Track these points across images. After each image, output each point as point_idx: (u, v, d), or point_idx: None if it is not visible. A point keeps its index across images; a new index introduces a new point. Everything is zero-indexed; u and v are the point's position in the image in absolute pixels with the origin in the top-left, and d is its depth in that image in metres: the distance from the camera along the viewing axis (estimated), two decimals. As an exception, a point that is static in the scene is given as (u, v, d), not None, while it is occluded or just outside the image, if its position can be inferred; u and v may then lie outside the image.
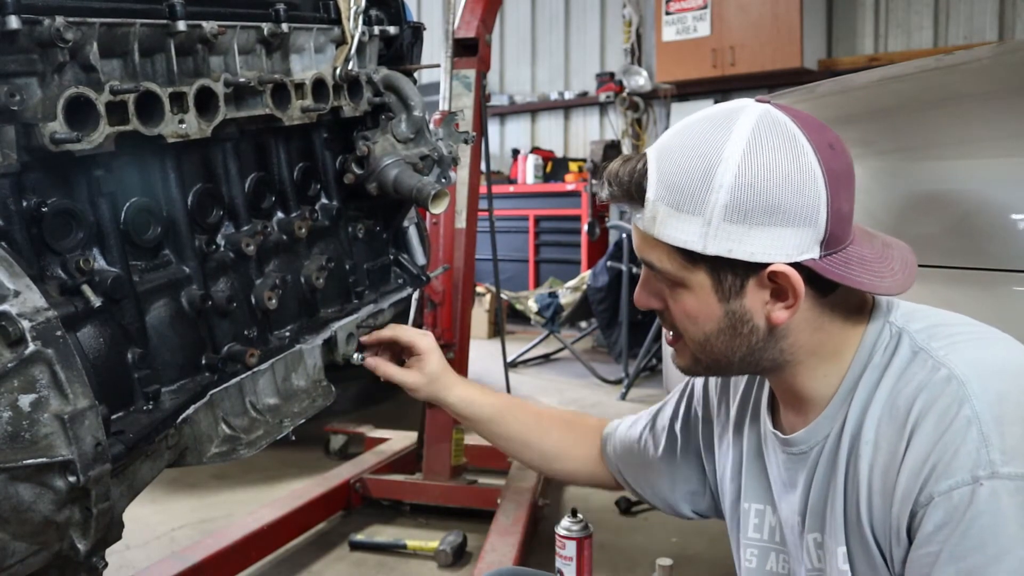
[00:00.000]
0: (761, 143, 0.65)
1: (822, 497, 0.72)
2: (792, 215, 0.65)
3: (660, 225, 0.68)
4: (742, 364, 0.73)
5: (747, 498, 0.83)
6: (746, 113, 0.67)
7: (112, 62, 0.84)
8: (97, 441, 0.70)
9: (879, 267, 0.68)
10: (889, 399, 0.67)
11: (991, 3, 4.73)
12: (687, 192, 0.66)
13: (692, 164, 0.66)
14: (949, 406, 0.62)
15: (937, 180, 1.15)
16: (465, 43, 2.28)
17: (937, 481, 0.61)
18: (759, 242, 0.65)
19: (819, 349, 0.71)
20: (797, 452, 0.75)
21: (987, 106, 1.20)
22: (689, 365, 0.76)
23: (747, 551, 0.83)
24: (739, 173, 0.64)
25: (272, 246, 1.04)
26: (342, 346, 1.10)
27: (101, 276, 0.81)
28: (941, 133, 1.20)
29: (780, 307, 0.68)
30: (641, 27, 5.92)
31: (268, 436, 0.97)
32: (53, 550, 0.74)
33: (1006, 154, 1.10)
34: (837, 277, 0.66)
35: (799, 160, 0.65)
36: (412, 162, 1.15)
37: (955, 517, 0.60)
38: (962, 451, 0.60)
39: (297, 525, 2.13)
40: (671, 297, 0.72)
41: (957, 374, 0.64)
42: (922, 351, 0.67)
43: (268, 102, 0.99)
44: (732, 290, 0.68)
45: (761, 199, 0.64)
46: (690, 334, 0.73)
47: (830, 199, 0.65)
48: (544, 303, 4.20)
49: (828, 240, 0.66)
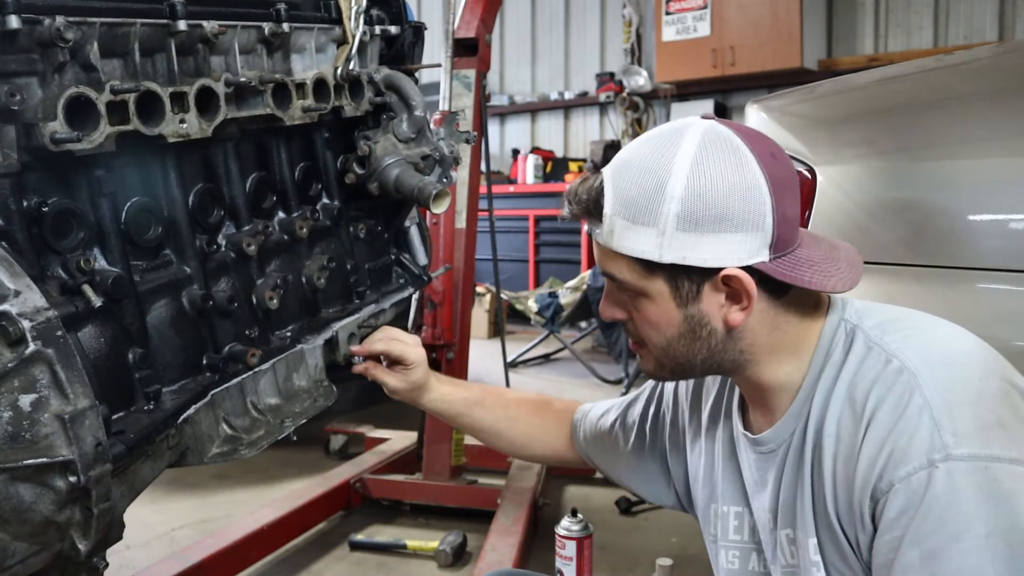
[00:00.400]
0: (707, 156, 0.69)
1: (791, 493, 0.75)
2: (740, 221, 0.69)
3: (618, 238, 0.72)
4: (704, 366, 0.76)
5: (725, 501, 0.86)
6: (691, 130, 0.72)
7: (113, 62, 0.84)
8: (98, 441, 0.70)
9: (827, 267, 0.72)
10: (848, 393, 0.70)
11: (991, 3, 4.73)
12: (641, 205, 0.70)
13: (644, 179, 0.71)
14: (901, 395, 0.66)
15: (937, 180, 1.15)
16: (465, 43, 2.28)
17: (895, 468, 0.64)
18: (711, 248, 0.69)
19: (777, 348, 0.75)
20: (766, 451, 0.78)
21: (987, 106, 1.20)
22: (654, 370, 0.80)
23: (729, 553, 0.86)
24: (688, 185, 0.69)
25: (273, 246, 1.04)
26: (343, 346, 1.10)
27: (102, 276, 0.81)
28: (941, 133, 1.20)
29: (735, 309, 0.72)
30: (641, 27, 5.92)
31: (269, 436, 0.97)
32: (54, 550, 0.74)
33: (1006, 154, 1.10)
34: (787, 278, 0.70)
35: (743, 170, 0.69)
36: (413, 162, 1.15)
37: (915, 501, 0.62)
38: (916, 437, 0.64)
39: (297, 525, 2.13)
40: (633, 307, 0.76)
41: (908, 365, 0.67)
42: (876, 346, 0.71)
43: (269, 102, 0.99)
44: (689, 296, 0.72)
45: (710, 208, 0.69)
46: (653, 340, 0.77)
47: (775, 205, 0.69)
48: (544, 303, 4.20)
49: (776, 243, 0.70)
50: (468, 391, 1.08)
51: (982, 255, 1.07)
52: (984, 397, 0.65)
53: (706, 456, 0.88)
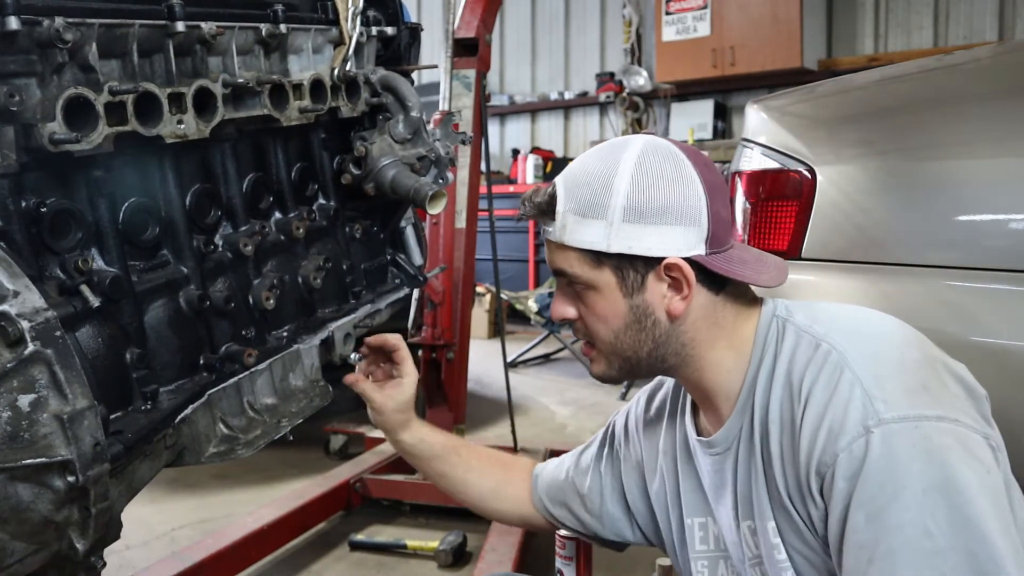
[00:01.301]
0: (648, 158, 0.77)
1: (747, 484, 0.79)
2: (679, 215, 0.76)
3: (569, 232, 0.78)
4: (650, 359, 0.81)
5: (689, 514, 0.88)
6: (635, 140, 0.80)
7: (111, 63, 0.84)
8: (96, 441, 0.70)
9: (757, 266, 0.80)
10: (786, 380, 0.75)
11: (991, 3, 4.72)
12: (590, 201, 0.77)
13: (593, 179, 0.78)
14: (832, 373, 0.71)
15: (937, 180, 1.15)
16: (465, 43, 2.28)
17: (835, 440, 0.68)
18: (654, 239, 0.76)
19: (717, 343, 0.80)
20: (720, 451, 0.82)
21: (987, 106, 1.20)
22: (604, 370, 0.84)
23: (697, 563, 0.88)
24: (633, 181, 0.76)
25: (270, 246, 1.04)
26: (339, 346, 1.10)
27: (100, 276, 0.81)
28: (941, 133, 1.20)
29: (677, 299, 0.78)
30: (641, 27, 5.92)
31: (266, 436, 0.97)
32: (52, 549, 0.74)
33: (1006, 154, 1.10)
34: (721, 270, 0.77)
35: (681, 170, 0.77)
36: (409, 163, 1.15)
37: (857, 468, 0.67)
38: (850, 408, 0.68)
39: (297, 525, 2.12)
40: (583, 303, 0.81)
41: (836, 346, 0.73)
42: (805, 334, 0.76)
43: (266, 103, 0.99)
44: (635, 286, 0.78)
45: (652, 201, 0.76)
46: (601, 336, 0.81)
47: (709, 203, 0.77)
48: (544, 303, 4.20)
49: (711, 239, 0.77)
50: (444, 437, 1.08)
51: (982, 255, 1.07)
52: (906, 366, 0.71)
53: (668, 477, 0.91)
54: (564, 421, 3.25)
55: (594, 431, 3.23)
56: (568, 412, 3.41)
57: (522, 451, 2.50)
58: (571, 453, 1.06)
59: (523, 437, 2.56)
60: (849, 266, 1.19)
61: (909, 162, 1.20)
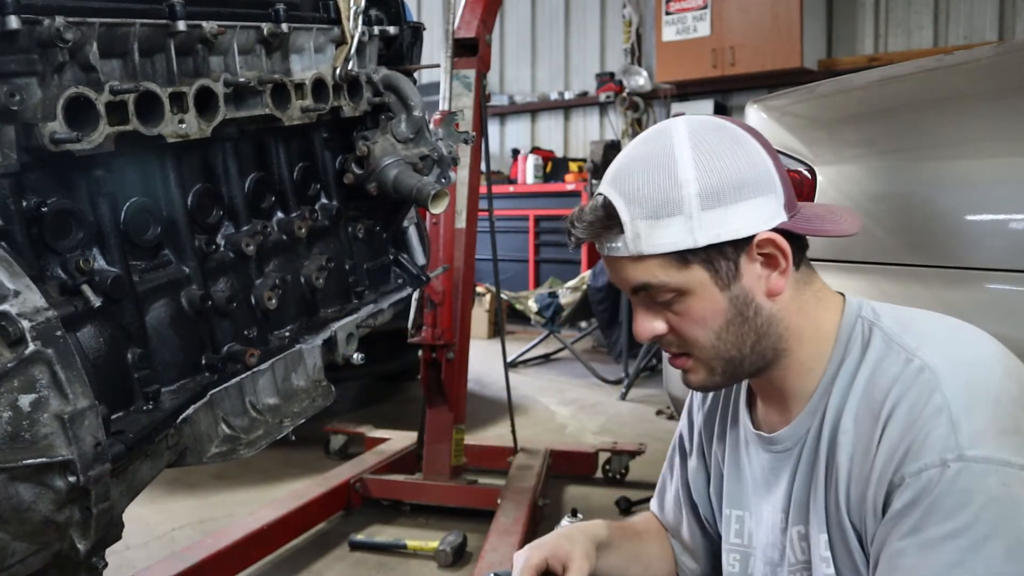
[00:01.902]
0: (701, 136, 0.71)
1: (805, 490, 0.75)
2: (755, 185, 0.70)
3: (646, 239, 0.71)
4: (753, 355, 0.75)
5: (728, 504, 0.86)
6: (673, 124, 0.74)
7: (112, 62, 0.84)
8: (97, 441, 0.70)
9: (833, 218, 0.75)
10: (866, 391, 0.70)
11: (991, 3, 4.72)
12: (659, 199, 0.70)
13: (653, 176, 0.71)
14: (920, 394, 0.66)
15: (937, 180, 1.15)
16: (465, 43, 2.27)
17: (909, 463, 0.64)
18: (738, 218, 0.70)
19: (803, 334, 0.75)
20: (781, 450, 0.78)
21: (987, 106, 1.20)
22: (705, 378, 0.77)
23: (730, 556, 0.85)
24: (696, 165, 0.70)
25: (272, 246, 1.04)
26: (342, 346, 1.10)
27: (101, 276, 0.81)
28: (941, 133, 1.20)
29: (775, 275, 0.72)
30: (641, 27, 5.91)
31: (268, 436, 0.97)
32: (53, 550, 0.74)
33: (1006, 154, 1.10)
34: (811, 231, 0.72)
35: (737, 139, 0.72)
36: (412, 162, 1.15)
37: (922, 496, 0.63)
38: (932, 436, 0.64)
39: (297, 525, 2.12)
40: (674, 312, 0.74)
41: (929, 364, 0.67)
42: (895, 344, 0.71)
43: (268, 102, 0.99)
44: (729, 275, 0.72)
45: (726, 178, 0.70)
46: (700, 342, 0.74)
47: (775, 164, 0.72)
48: (544, 303, 4.20)
49: (787, 203, 0.72)
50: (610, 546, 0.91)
51: (982, 255, 1.07)
52: (1002, 402, 0.65)
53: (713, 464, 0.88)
54: (564, 421, 3.25)
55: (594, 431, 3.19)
56: (568, 412, 3.41)
57: (522, 451, 2.50)
58: (662, 502, 0.96)
59: (523, 437, 2.56)
60: (849, 266, 1.19)
61: (909, 162, 1.20)
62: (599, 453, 2.57)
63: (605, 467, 2.56)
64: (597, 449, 2.57)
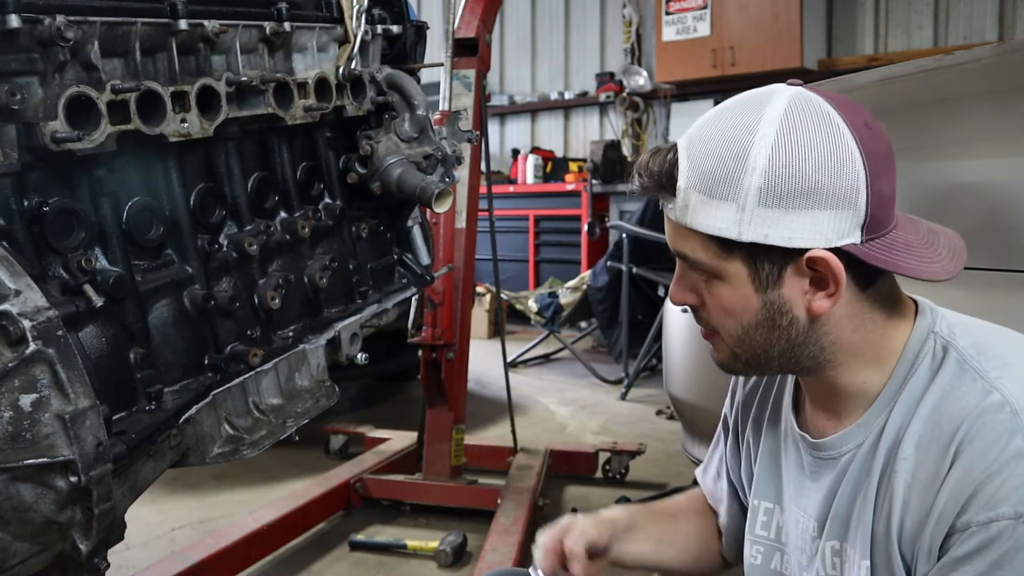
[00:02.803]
0: (794, 124, 0.63)
1: (848, 506, 0.70)
2: (830, 197, 0.62)
3: (692, 213, 0.66)
4: (781, 359, 0.70)
5: (757, 495, 0.81)
6: (777, 95, 0.65)
7: (113, 61, 0.84)
8: (98, 441, 0.70)
9: (925, 252, 0.66)
10: (932, 416, 0.64)
11: (991, 3, 4.73)
12: (719, 178, 0.64)
13: (723, 149, 0.64)
14: (1000, 435, 0.60)
15: (937, 180, 1.15)
16: (465, 43, 2.27)
17: (978, 511, 0.59)
18: (796, 226, 0.62)
19: (860, 350, 0.68)
20: (826, 457, 0.72)
21: (987, 106, 1.20)
22: (727, 360, 0.73)
23: (754, 547, 0.82)
24: (772, 155, 0.62)
25: (275, 246, 1.04)
26: (346, 346, 1.10)
27: (103, 276, 0.81)
28: (941, 133, 1.20)
29: (821, 296, 0.65)
30: (641, 27, 5.91)
31: (271, 436, 0.97)
32: (55, 550, 0.74)
33: (1006, 154, 1.10)
34: (880, 262, 0.63)
35: (835, 139, 0.62)
36: (416, 161, 1.14)
37: (991, 548, 0.58)
38: (1009, 484, 0.58)
39: (297, 525, 2.12)
40: (707, 291, 0.69)
41: (1011, 401, 0.61)
42: (971, 370, 0.64)
43: (270, 101, 0.99)
44: (769, 279, 0.66)
45: (797, 181, 0.62)
46: (727, 329, 0.70)
47: (869, 180, 0.63)
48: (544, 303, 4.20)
49: (869, 224, 0.63)
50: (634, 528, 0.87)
51: (982, 255, 1.07)
52: None
53: (745, 449, 0.84)
54: (564, 421, 3.25)
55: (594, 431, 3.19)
56: (568, 412, 3.41)
57: (522, 451, 2.50)
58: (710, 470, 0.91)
59: (523, 437, 2.56)
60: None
61: (909, 162, 1.20)
62: (599, 453, 2.57)
63: (605, 467, 2.56)
64: (597, 449, 2.57)
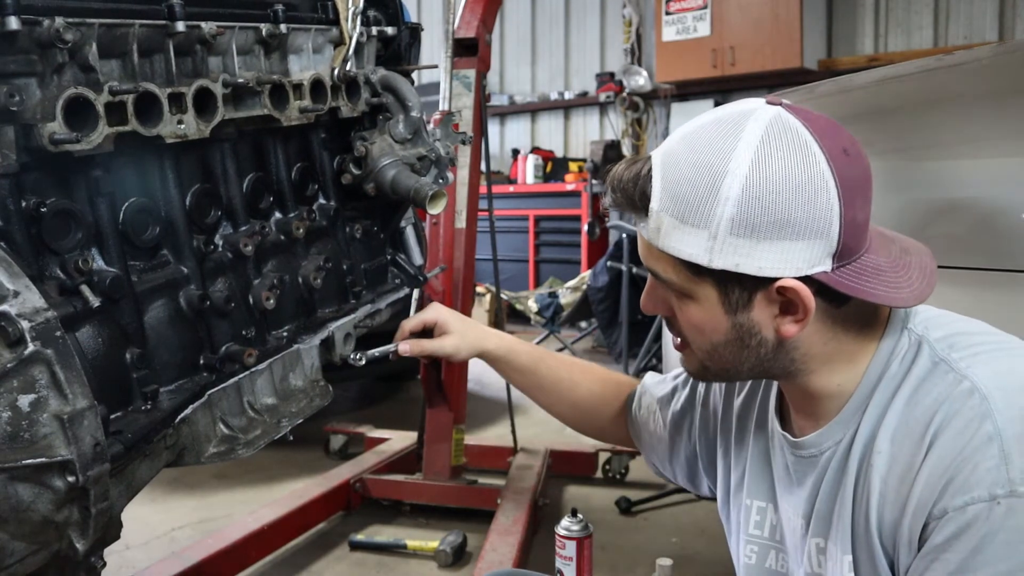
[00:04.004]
0: (769, 153, 0.63)
1: (829, 503, 0.71)
2: (802, 228, 0.63)
3: (664, 237, 0.66)
4: (752, 373, 0.72)
5: (749, 494, 0.83)
6: (755, 119, 0.64)
7: (111, 63, 0.84)
8: (96, 441, 0.70)
9: (895, 277, 0.66)
10: (906, 410, 0.66)
11: (991, 3, 4.72)
12: (692, 204, 0.64)
13: (698, 175, 0.64)
14: (970, 420, 0.61)
15: (937, 180, 1.15)
16: (465, 43, 2.28)
17: (953, 496, 0.60)
18: (767, 256, 0.63)
19: (832, 358, 0.70)
20: (807, 455, 0.74)
21: (987, 106, 1.20)
22: (697, 371, 0.76)
23: (747, 547, 0.83)
24: (747, 186, 0.62)
25: (270, 246, 1.04)
26: (340, 346, 1.10)
27: (100, 276, 0.81)
28: (941, 133, 1.20)
29: (789, 321, 0.67)
30: (641, 27, 5.92)
31: (266, 436, 0.97)
32: (52, 550, 0.74)
33: (1006, 154, 1.10)
34: (850, 291, 0.64)
35: (810, 170, 0.62)
36: (410, 162, 1.15)
37: (966, 532, 0.59)
38: (981, 467, 0.59)
39: (297, 525, 2.13)
40: (677, 307, 0.71)
41: (980, 387, 0.62)
42: (943, 362, 0.65)
43: (266, 102, 0.99)
44: (739, 303, 0.67)
45: (769, 212, 0.62)
46: (697, 343, 0.72)
47: (843, 209, 0.63)
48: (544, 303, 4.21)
49: (841, 252, 0.64)
50: (532, 348, 1.01)
51: (982, 255, 1.07)
52: None
53: (736, 446, 0.85)
54: (564, 421, 3.25)
55: (594, 431, 3.12)
56: (568, 412, 3.41)
57: (522, 451, 2.50)
58: (668, 384, 0.97)
59: (523, 437, 2.56)
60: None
61: (909, 162, 1.20)
62: (599, 453, 2.57)
63: (605, 467, 2.56)
64: (597, 449, 2.58)
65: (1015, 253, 1.05)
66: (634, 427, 1.01)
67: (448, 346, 0.99)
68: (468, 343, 1.00)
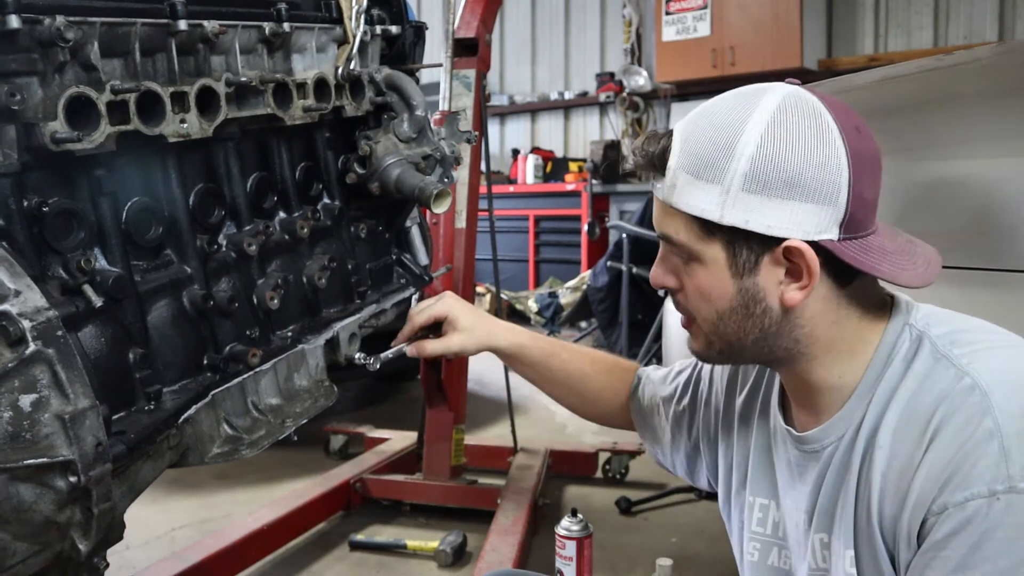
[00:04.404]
0: (785, 117, 0.66)
1: (832, 498, 0.72)
2: (812, 190, 0.64)
3: (679, 193, 0.68)
4: (755, 349, 0.72)
5: (752, 491, 0.83)
6: (773, 91, 0.68)
7: (113, 61, 0.84)
8: (98, 441, 0.70)
9: (900, 260, 0.68)
10: (908, 405, 0.66)
11: (991, 3, 4.73)
12: (708, 160, 0.67)
13: (715, 134, 0.67)
14: (971, 416, 0.62)
15: (937, 180, 1.15)
16: (465, 43, 2.27)
17: (953, 492, 0.60)
18: (776, 215, 0.65)
19: (835, 346, 0.70)
20: (809, 450, 0.75)
21: (987, 106, 1.20)
22: (702, 348, 0.76)
23: (750, 544, 0.83)
24: (761, 144, 0.65)
25: (274, 246, 1.04)
26: (344, 346, 1.10)
27: (102, 276, 0.81)
28: (941, 133, 1.20)
29: (794, 287, 0.68)
30: (641, 27, 5.92)
31: (270, 436, 0.97)
32: (54, 550, 0.74)
33: (1006, 154, 1.10)
34: (855, 261, 0.66)
35: (823, 136, 0.65)
36: (414, 162, 1.15)
37: (966, 528, 0.59)
38: (981, 463, 0.60)
39: (297, 525, 2.12)
40: (686, 273, 0.72)
41: (981, 384, 0.63)
42: (944, 358, 0.66)
43: (270, 102, 0.99)
44: (746, 266, 0.68)
45: (781, 170, 0.64)
46: (703, 314, 0.73)
47: (852, 180, 0.65)
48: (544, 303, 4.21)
49: (848, 223, 0.65)
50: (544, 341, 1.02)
51: (981, 255, 1.07)
52: None
53: (739, 444, 0.85)
54: (564, 421, 3.25)
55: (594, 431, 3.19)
56: (568, 412, 3.41)
57: (522, 451, 2.50)
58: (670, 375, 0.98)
59: (523, 437, 2.56)
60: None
61: (909, 162, 1.20)
62: (599, 453, 2.57)
63: (605, 467, 2.56)
64: (597, 449, 2.57)
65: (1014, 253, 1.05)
66: (637, 416, 1.02)
67: (455, 345, 0.98)
68: (476, 339, 0.99)
